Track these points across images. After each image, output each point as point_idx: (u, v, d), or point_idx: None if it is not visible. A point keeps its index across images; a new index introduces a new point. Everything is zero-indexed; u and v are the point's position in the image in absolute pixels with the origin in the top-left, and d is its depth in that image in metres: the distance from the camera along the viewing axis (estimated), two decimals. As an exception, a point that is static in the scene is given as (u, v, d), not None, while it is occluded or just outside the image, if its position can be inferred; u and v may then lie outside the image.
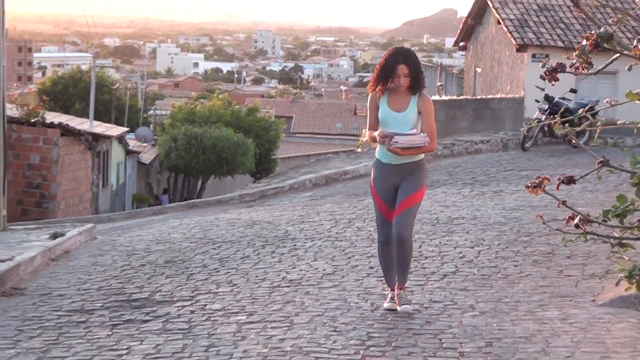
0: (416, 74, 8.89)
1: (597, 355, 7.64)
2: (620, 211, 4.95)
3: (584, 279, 10.23)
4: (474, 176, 20.53)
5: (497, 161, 23.37)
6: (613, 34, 4.80)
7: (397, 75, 8.81)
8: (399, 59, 8.83)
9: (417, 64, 8.96)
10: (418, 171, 9.03)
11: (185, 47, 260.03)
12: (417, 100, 8.98)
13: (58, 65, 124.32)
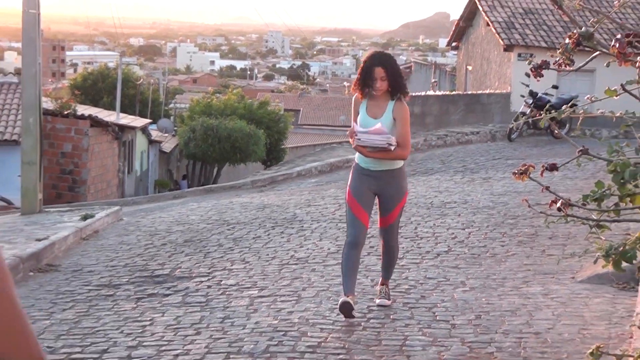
0: (393, 77, 8.08)
1: (576, 327, 7.64)
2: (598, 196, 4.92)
3: (565, 257, 10.22)
4: (465, 164, 20.51)
5: (486, 151, 23.35)
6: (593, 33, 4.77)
7: (374, 79, 8.00)
8: (375, 62, 8.07)
9: (394, 67, 8.19)
10: (396, 179, 8.19)
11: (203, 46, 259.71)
12: (394, 107, 8.15)
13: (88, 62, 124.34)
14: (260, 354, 7.13)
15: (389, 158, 7.97)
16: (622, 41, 4.62)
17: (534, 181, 4.66)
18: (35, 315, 8.50)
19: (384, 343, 7.35)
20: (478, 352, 7.06)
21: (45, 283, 9.87)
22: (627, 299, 8.36)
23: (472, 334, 7.53)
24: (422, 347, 7.20)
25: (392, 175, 8.10)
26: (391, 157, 7.96)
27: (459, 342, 7.31)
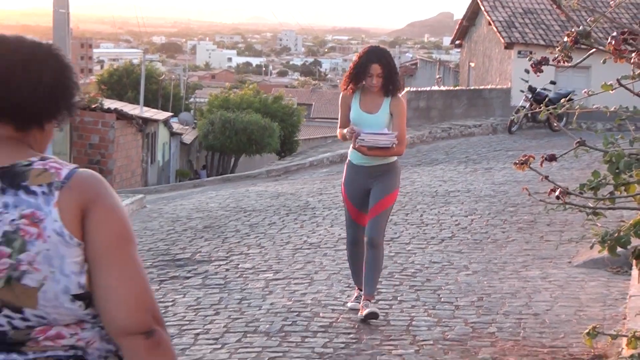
0: (390, 74, 7.40)
1: (573, 309, 7.63)
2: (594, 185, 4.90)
3: (562, 243, 10.21)
4: (468, 155, 20.48)
5: (488, 143, 23.31)
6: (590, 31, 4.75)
7: (369, 75, 7.31)
8: (372, 58, 7.35)
9: (391, 64, 7.47)
10: (390, 174, 7.50)
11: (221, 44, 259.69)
12: (390, 103, 7.45)
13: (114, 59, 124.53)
14: (275, 333, 7.13)
15: (385, 155, 7.39)
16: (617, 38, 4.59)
17: (533, 171, 4.65)
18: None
19: (391, 323, 7.35)
20: (480, 332, 7.06)
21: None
22: (620, 282, 8.34)
23: (475, 315, 7.53)
24: (428, 327, 7.20)
25: (384, 169, 7.48)
26: (387, 154, 7.39)
27: (462, 323, 7.31)
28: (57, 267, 2.29)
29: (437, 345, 6.71)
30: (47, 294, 2.28)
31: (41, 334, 2.33)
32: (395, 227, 11.37)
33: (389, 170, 7.47)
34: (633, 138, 4.98)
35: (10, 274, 2.27)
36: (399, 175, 7.64)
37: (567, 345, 6.66)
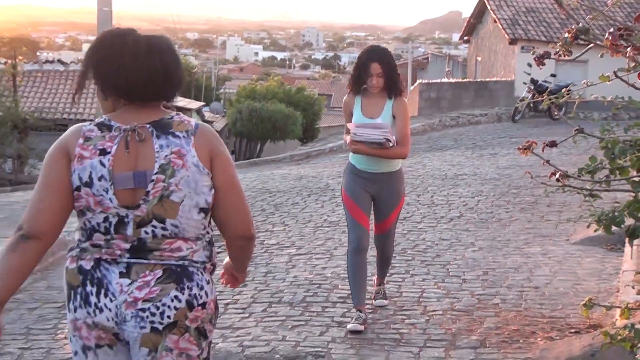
0: (390, 74, 6.54)
1: (570, 282, 7.63)
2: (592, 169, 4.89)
3: (561, 222, 10.20)
4: (475, 142, 20.43)
5: (493, 130, 23.27)
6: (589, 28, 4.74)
7: (369, 75, 6.49)
8: (372, 57, 6.53)
9: (392, 64, 6.60)
10: (395, 182, 6.63)
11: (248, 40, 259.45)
12: (392, 105, 6.54)
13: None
14: (298, 304, 7.15)
15: (388, 156, 6.45)
16: (614, 34, 4.58)
17: (535, 156, 4.63)
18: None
19: (404, 295, 7.36)
20: (485, 303, 7.06)
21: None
22: (614, 259, 8.33)
23: (480, 288, 7.53)
24: (437, 299, 7.21)
25: (389, 177, 6.57)
26: (390, 156, 6.44)
27: (469, 295, 7.31)
28: (193, 188, 3.16)
29: (446, 315, 6.73)
30: (185, 207, 3.16)
31: (168, 245, 3.17)
32: (408, 207, 11.37)
33: (392, 178, 6.60)
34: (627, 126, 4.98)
35: (162, 193, 3.13)
36: (403, 183, 6.79)
37: (565, 315, 6.66)
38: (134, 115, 3.24)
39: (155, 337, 3.14)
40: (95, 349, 3.23)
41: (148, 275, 3.13)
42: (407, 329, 6.45)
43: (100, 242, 3.19)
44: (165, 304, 3.12)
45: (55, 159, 3.17)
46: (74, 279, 3.21)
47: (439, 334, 6.32)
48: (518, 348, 5.96)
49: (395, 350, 5.99)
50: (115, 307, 3.13)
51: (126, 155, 3.14)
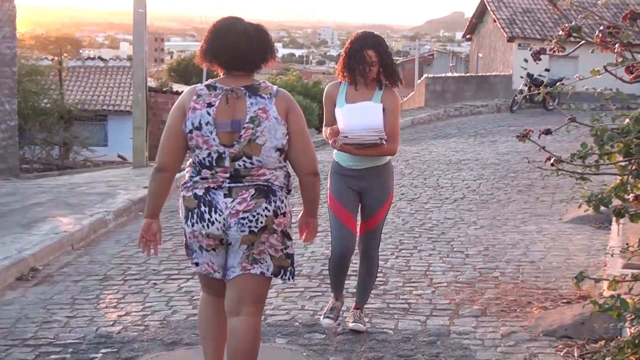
0: (385, 63, 5.44)
1: (562, 257, 7.63)
2: (583, 154, 4.88)
3: (554, 203, 10.19)
4: (476, 130, 20.37)
5: (493, 120, 23.20)
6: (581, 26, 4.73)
7: (364, 63, 5.37)
8: (367, 43, 5.42)
9: (388, 52, 5.51)
10: (383, 177, 5.54)
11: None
12: (382, 95, 5.42)
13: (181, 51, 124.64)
14: (315, 276, 7.18)
15: (376, 155, 5.43)
16: (604, 32, 4.57)
17: (532, 143, 4.64)
18: (142, 245, 8.60)
19: (412, 269, 7.37)
20: (486, 276, 7.07)
21: (150, 220, 9.95)
22: (602, 236, 8.33)
23: (482, 262, 7.54)
24: (442, 272, 7.22)
25: (377, 172, 5.50)
26: (379, 154, 5.43)
27: (471, 269, 7.32)
28: (273, 134, 4.09)
29: (450, 287, 6.74)
30: (266, 148, 4.07)
31: (256, 172, 4.09)
32: (416, 190, 11.37)
33: (381, 173, 5.52)
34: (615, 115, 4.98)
35: (250, 137, 4.06)
36: (392, 178, 5.67)
37: (558, 287, 6.66)
38: (232, 80, 4.21)
39: (252, 237, 4.09)
40: (206, 250, 4.18)
41: (245, 193, 4.07)
42: (414, 299, 6.46)
43: (207, 175, 4.11)
44: (258, 213, 4.07)
45: (175, 114, 4.22)
46: (191, 203, 4.13)
47: (444, 304, 6.33)
48: (515, 317, 5.97)
49: (404, 319, 6.00)
50: (223, 219, 4.06)
51: (226, 107, 4.10)
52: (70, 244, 8.56)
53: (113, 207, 10.15)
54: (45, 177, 16.78)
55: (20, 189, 12.68)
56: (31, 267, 7.66)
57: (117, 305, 6.53)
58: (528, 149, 5.89)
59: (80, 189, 11.93)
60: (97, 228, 9.32)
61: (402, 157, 14.97)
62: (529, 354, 5.24)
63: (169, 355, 5.41)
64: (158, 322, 6.05)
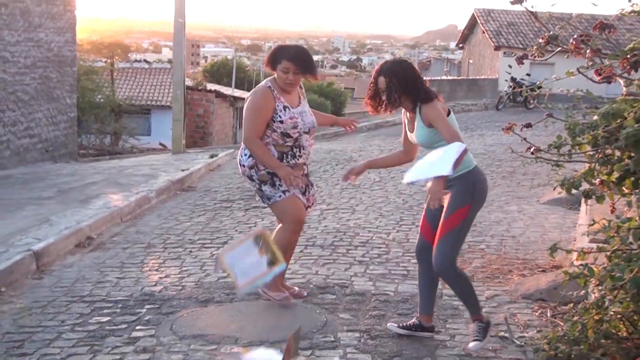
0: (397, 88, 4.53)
1: (539, 233, 7.63)
2: (558, 145, 4.89)
3: (533, 187, 10.17)
4: (467, 125, 20.30)
5: (481, 116, 23.13)
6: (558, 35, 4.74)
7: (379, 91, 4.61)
8: (378, 72, 4.64)
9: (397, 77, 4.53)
10: (459, 187, 4.58)
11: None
12: (422, 114, 4.57)
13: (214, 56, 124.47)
14: (327, 247, 7.20)
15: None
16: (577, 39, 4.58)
17: (514, 136, 4.66)
18: (181, 218, 8.64)
19: (410, 241, 7.38)
20: (473, 248, 7.07)
21: (187, 198, 10.02)
22: (573, 215, 8.32)
23: (470, 236, 7.47)
24: (436, 244, 7.23)
25: (450, 182, 4.54)
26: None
27: (460, 242, 7.32)
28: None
29: (442, 257, 6.74)
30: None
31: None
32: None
33: (455, 183, 4.58)
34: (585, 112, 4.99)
35: None
36: (472, 189, 4.63)
37: (535, 258, 6.67)
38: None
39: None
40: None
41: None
42: (412, 267, 6.48)
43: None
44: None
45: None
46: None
47: (437, 271, 6.35)
48: (498, 282, 5.98)
49: (403, 283, 6.03)
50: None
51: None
52: (119, 217, 8.62)
53: (155, 186, 10.20)
54: (99, 161, 16.87)
55: (78, 170, 12.76)
56: (87, 236, 7.72)
57: (158, 269, 6.58)
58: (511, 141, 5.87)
59: (127, 171, 11.99)
60: (142, 204, 9.38)
61: (402, 147, 14.99)
62: (509, 313, 5.26)
63: (202, 310, 5.46)
64: (193, 283, 6.10)
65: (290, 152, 5.30)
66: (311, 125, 5.33)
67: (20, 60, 14.18)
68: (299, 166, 5.36)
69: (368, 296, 5.68)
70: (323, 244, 7.30)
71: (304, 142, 5.33)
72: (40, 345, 4.84)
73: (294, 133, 5.25)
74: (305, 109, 5.41)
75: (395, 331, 4.75)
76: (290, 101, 5.32)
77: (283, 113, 5.24)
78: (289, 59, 5.25)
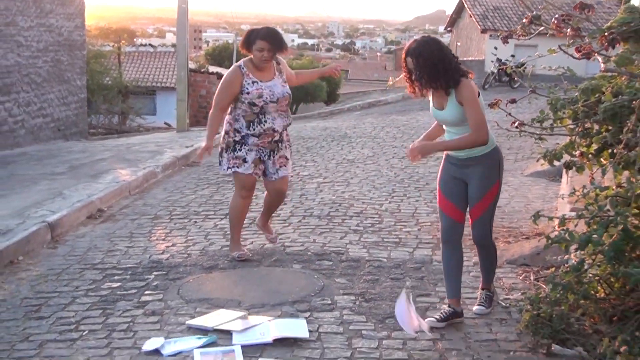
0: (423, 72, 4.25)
1: (523, 203, 7.64)
2: (541, 119, 4.90)
3: (517, 161, 10.17)
4: (454, 104, 20.29)
5: (467, 96, 23.10)
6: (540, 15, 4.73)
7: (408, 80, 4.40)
8: (408, 51, 4.32)
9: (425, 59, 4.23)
10: (484, 166, 4.44)
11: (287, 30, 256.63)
12: (455, 94, 4.35)
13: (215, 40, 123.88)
14: (324, 217, 7.21)
15: (468, 147, 4.43)
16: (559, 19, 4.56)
17: (502, 109, 4.66)
18: (185, 192, 8.64)
19: (402, 211, 7.40)
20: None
21: (191, 172, 10.00)
22: (554, 186, 8.32)
23: (457, 207, 7.54)
24: (426, 214, 7.24)
25: (477, 161, 4.44)
26: (469, 146, 4.40)
27: (448, 211, 7.32)
28: None
29: (432, 226, 6.75)
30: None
31: None
32: (405, 150, 11.30)
33: (481, 162, 4.44)
34: (566, 89, 5.00)
35: None
36: (497, 166, 4.53)
37: (519, 226, 6.69)
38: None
39: None
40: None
41: None
42: (404, 235, 6.50)
43: None
44: None
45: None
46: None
47: (427, 238, 6.37)
48: (484, 249, 5.99)
49: (396, 250, 6.04)
50: None
51: None
52: (128, 190, 8.61)
53: (161, 162, 10.18)
54: (108, 139, 16.82)
55: (88, 147, 12.73)
56: (98, 208, 7.72)
57: (165, 238, 6.59)
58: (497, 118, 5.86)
59: (135, 148, 11.96)
60: (149, 178, 9.36)
61: (394, 124, 14.93)
62: (495, 277, 5.28)
63: (207, 276, 5.48)
64: (198, 252, 6.12)
65: (256, 119, 5.60)
66: (280, 95, 5.60)
67: (33, 44, 14.12)
68: (267, 133, 5.63)
69: (362, 262, 5.69)
70: (320, 214, 7.31)
71: (270, 109, 5.59)
72: (56, 309, 4.86)
73: (259, 102, 5.54)
74: (277, 83, 5.65)
75: (436, 326, 4.33)
76: (261, 77, 5.60)
77: (251, 86, 5.55)
78: (262, 38, 5.53)
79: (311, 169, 9.91)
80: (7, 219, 6.80)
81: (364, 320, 4.52)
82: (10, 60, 13.28)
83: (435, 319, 4.38)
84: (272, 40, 5.58)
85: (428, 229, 6.65)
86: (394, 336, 4.28)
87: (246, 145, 5.68)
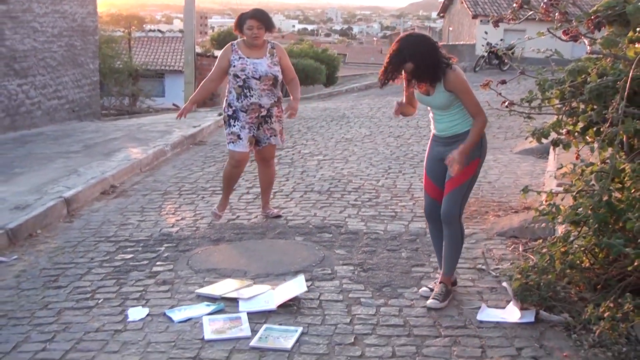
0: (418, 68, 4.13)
1: (512, 179, 7.63)
2: (529, 99, 4.89)
3: (506, 139, 10.15)
4: (446, 86, 20.24)
5: (459, 78, 23.02)
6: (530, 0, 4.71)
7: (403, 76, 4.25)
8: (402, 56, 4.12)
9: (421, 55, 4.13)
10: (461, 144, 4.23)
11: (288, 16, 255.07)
12: (444, 84, 4.20)
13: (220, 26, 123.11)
14: (324, 192, 7.20)
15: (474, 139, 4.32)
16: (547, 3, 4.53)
17: (492, 90, 4.63)
18: (193, 169, 8.62)
19: (398, 187, 7.39)
20: (453, 193, 7.06)
21: (199, 151, 9.98)
22: (542, 163, 8.31)
23: (450, 183, 7.53)
24: (420, 189, 7.17)
25: (459, 139, 4.29)
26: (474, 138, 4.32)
27: (442, 187, 7.32)
28: None
29: (426, 200, 6.75)
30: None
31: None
32: (400, 129, 11.32)
33: (464, 139, 4.28)
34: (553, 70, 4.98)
35: None
36: (479, 144, 4.44)
37: (508, 201, 6.68)
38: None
39: None
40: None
41: None
42: (400, 209, 6.50)
43: None
44: None
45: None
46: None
47: (421, 212, 6.34)
48: (477, 222, 6.00)
49: (392, 223, 6.04)
50: None
51: None
52: (139, 168, 8.60)
53: (170, 141, 10.15)
54: (119, 120, 16.76)
55: (101, 128, 12.70)
56: (111, 185, 7.71)
57: (174, 213, 6.59)
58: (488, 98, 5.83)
59: (145, 128, 11.93)
60: (159, 156, 9.35)
61: (390, 105, 14.86)
62: (486, 249, 5.30)
63: (214, 248, 5.49)
64: (206, 225, 6.12)
65: (242, 93, 5.84)
66: (263, 73, 5.77)
67: (48, 30, 14.05)
68: (253, 108, 5.88)
69: (360, 235, 5.70)
70: (320, 190, 7.30)
71: (253, 84, 5.81)
72: (73, 279, 4.87)
73: (241, 74, 5.79)
74: (264, 62, 5.83)
75: (440, 307, 4.18)
76: (249, 54, 5.86)
77: (237, 61, 5.84)
78: (251, 17, 5.81)
79: (312, 147, 9.89)
80: (25, 195, 6.80)
81: (362, 289, 4.53)
82: (26, 45, 13.23)
83: (439, 301, 4.21)
84: (260, 18, 5.83)
85: (422, 204, 6.62)
86: (390, 303, 4.30)
87: (238, 121, 5.91)
